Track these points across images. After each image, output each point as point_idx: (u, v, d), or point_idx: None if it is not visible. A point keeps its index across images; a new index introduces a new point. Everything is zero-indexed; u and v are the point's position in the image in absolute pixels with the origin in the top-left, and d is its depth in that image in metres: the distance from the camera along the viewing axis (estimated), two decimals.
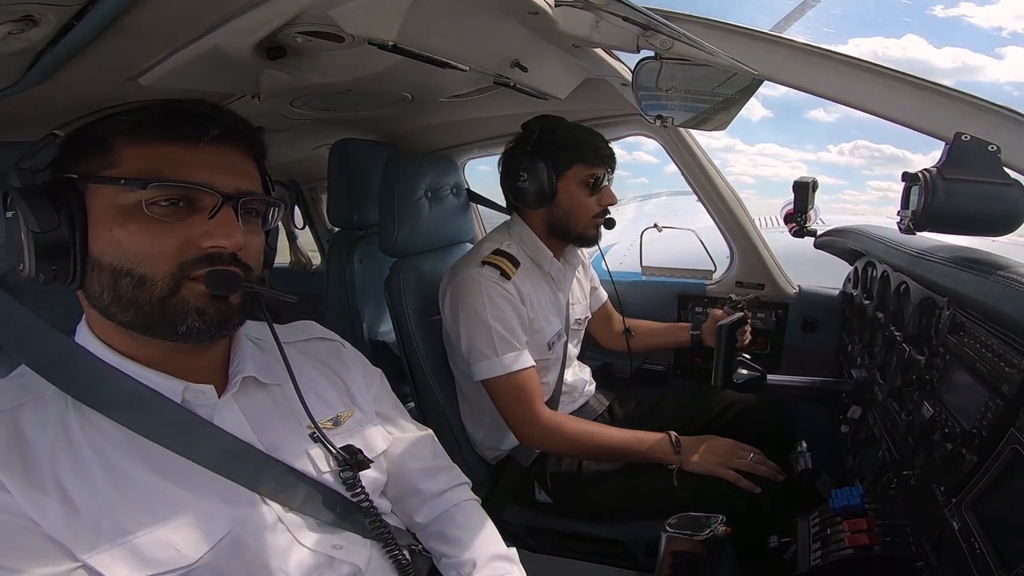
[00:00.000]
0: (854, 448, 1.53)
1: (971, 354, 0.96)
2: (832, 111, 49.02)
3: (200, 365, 0.85)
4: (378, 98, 1.65)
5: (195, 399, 0.83)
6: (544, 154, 1.65)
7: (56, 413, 0.76)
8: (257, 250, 0.86)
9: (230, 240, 0.77)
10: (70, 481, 0.71)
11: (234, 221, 0.79)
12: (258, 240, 0.86)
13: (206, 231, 0.77)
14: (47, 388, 0.77)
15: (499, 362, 1.56)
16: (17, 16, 0.71)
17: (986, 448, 0.84)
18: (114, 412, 0.76)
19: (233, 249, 0.78)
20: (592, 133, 1.72)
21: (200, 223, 0.77)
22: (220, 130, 0.79)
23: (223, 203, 0.78)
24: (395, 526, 1.01)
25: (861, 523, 1.04)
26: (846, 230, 1.84)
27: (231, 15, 0.92)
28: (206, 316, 0.78)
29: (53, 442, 0.73)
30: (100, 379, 0.77)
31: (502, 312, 1.58)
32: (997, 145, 0.90)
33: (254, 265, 0.84)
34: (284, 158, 2.70)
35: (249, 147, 0.86)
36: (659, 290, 2.41)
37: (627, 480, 1.61)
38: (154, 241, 0.75)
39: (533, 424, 1.57)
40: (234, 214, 0.79)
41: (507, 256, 1.66)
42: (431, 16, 1.04)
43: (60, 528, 0.68)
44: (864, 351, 1.63)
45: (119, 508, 0.71)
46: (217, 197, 0.77)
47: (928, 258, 1.17)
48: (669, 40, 1.04)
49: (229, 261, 0.78)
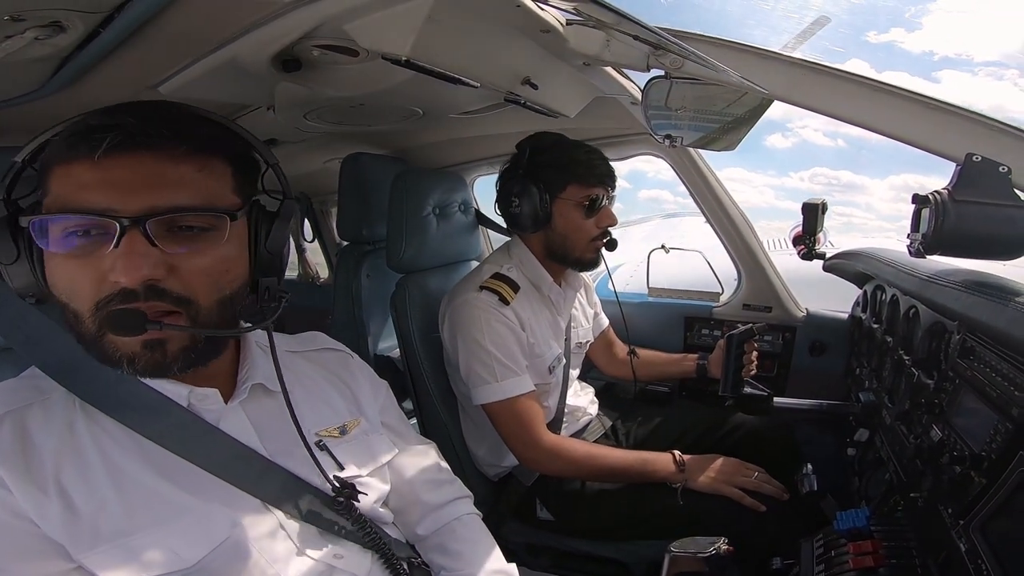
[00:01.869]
0: (861, 471, 1.51)
1: (981, 378, 0.95)
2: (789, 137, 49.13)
3: (207, 371, 0.84)
4: (390, 112, 1.68)
5: (200, 403, 0.82)
6: (536, 176, 1.61)
7: (63, 414, 0.76)
8: (204, 273, 0.73)
9: (127, 276, 0.67)
10: (72, 482, 0.71)
11: (140, 250, 0.67)
12: (204, 260, 0.73)
13: (112, 264, 0.68)
14: (56, 389, 0.77)
15: (499, 387, 1.54)
16: (45, 22, 0.73)
17: (995, 471, 0.83)
18: (121, 415, 0.76)
19: (133, 284, 0.67)
20: (588, 151, 1.67)
21: (111, 254, 0.68)
22: (120, 137, 0.67)
23: (126, 229, 0.67)
24: (395, 538, 1.00)
25: (866, 545, 1.02)
26: (855, 253, 1.83)
27: (250, 27, 0.95)
28: (136, 365, 0.72)
29: (58, 443, 0.73)
30: (108, 383, 0.77)
31: (501, 338, 1.56)
32: (1008, 166, 0.90)
33: (200, 293, 0.73)
34: (296, 171, 2.73)
35: (188, 145, 0.72)
36: (665, 312, 2.40)
37: (630, 499, 1.59)
38: (74, 277, 0.70)
39: (536, 448, 1.55)
40: (145, 239, 0.68)
41: (506, 280, 1.63)
42: (444, 32, 1.05)
43: (59, 529, 0.68)
44: (872, 374, 1.61)
45: (119, 509, 0.71)
46: (115, 224, 0.67)
47: (938, 282, 1.17)
48: (680, 59, 1.05)
49: (146, 296, 0.69)
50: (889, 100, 0.96)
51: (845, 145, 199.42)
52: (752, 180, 64.68)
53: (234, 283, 0.77)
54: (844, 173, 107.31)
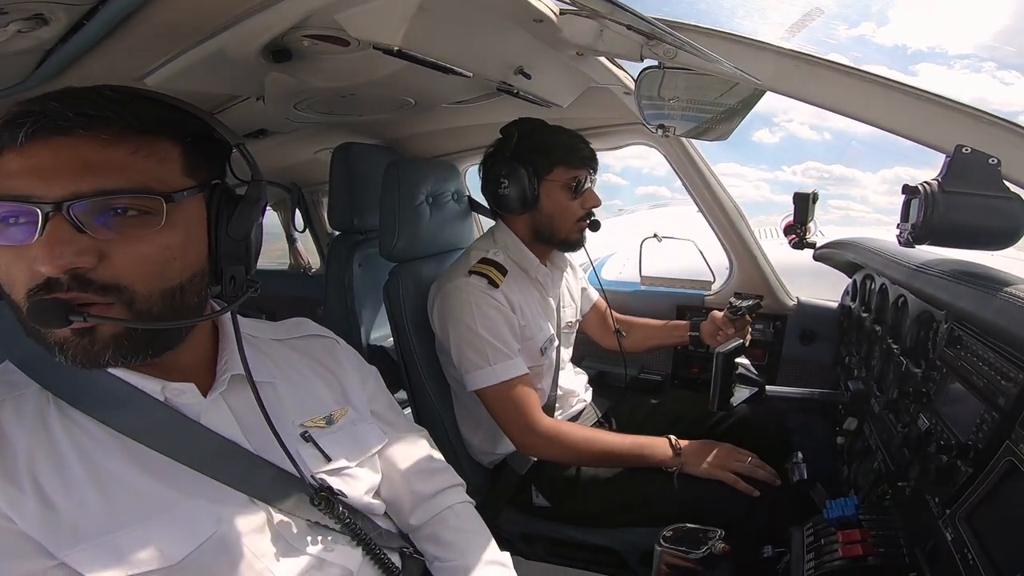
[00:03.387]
0: (849, 459, 1.53)
1: (968, 367, 0.96)
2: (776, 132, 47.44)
3: (182, 363, 0.82)
4: (381, 103, 1.66)
5: (176, 398, 0.79)
6: (524, 159, 1.63)
7: (36, 410, 0.74)
8: (140, 260, 0.69)
9: (48, 264, 0.64)
10: (48, 479, 0.69)
11: (62, 237, 0.64)
12: (141, 247, 0.69)
13: (35, 254, 0.65)
14: (30, 385, 0.75)
15: (492, 371, 1.55)
16: (28, 14, 0.72)
17: (981, 460, 0.84)
18: (96, 411, 0.75)
19: (55, 272, 0.64)
20: (571, 134, 1.69)
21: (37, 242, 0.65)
22: (42, 122, 0.64)
23: (48, 216, 0.64)
24: (387, 529, 0.99)
25: (855, 534, 1.03)
26: (845, 243, 1.84)
27: (239, 18, 0.93)
28: (67, 353, 0.68)
29: (31, 439, 0.71)
30: (82, 378, 0.75)
31: (491, 321, 1.56)
32: (998, 158, 0.90)
33: (134, 280, 0.69)
34: (286, 161, 2.71)
35: (120, 126, 0.68)
36: (658, 300, 2.41)
37: (625, 483, 1.60)
38: (9, 267, 0.67)
39: (532, 433, 1.56)
40: (70, 226, 0.65)
41: (494, 264, 1.64)
42: (436, 22, 1.05)
43: (37, 526, 0.66)
44: (861, 363, 1.63)
45: (99, 506, 0.70)
46: (36, 211, 0.64)
47: (927, 272, 1.18)
48: (673, 49, 1.04)
49: (70, 286, 0.65)
50: (880, 91, 0.96)
51: (831, 138, 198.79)
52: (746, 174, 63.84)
53: (183, 272, 0.74)
54: (836, 167, 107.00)
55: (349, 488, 0.92)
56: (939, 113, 0.93)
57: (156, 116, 0.72)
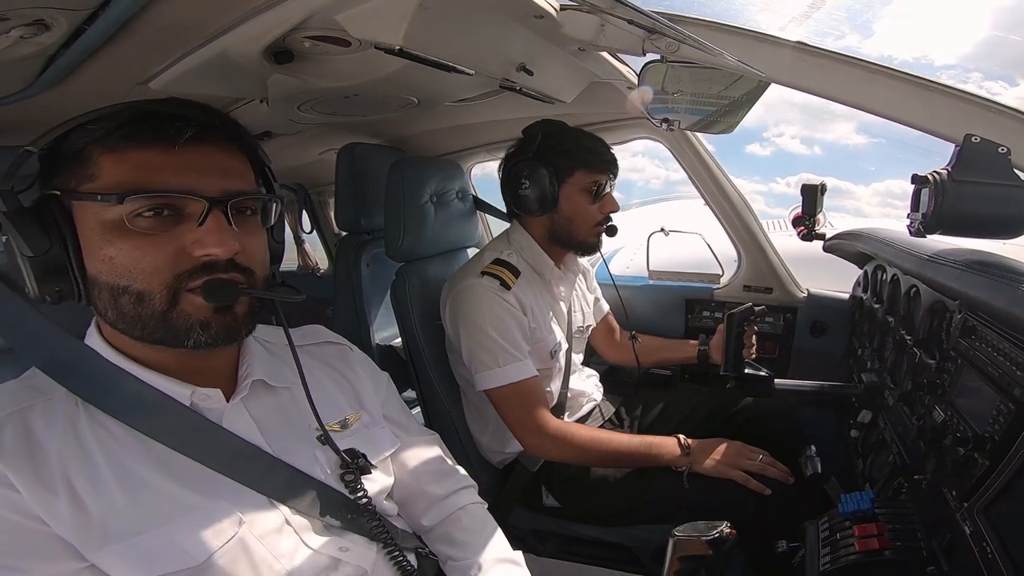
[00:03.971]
0: (864, 452, 1.52)
1: (983, 358, 0.95)
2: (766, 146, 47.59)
3: (209, 369, 0.85)
4: (384, 102, 1.66)
5: (202, 403, 0.83)
6: (546, 160, 1.62)
7: (66, 414, 0.76)
8: (259, 250, 0.83)
9: (222, 247, 0.74)
10: (79, 481, 0.72)
11: (225, 226, 0.75)
12: (258, 240, 0.83)
13: (196, 239, 0.73)
14: (57, 389, 0.77)
15: (501, 372, 1.55)
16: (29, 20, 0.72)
17: (998, 452, 0.83)
18: (123, 415, 0.77)
19: (226, 256, 0.75)
20: (594, 138, 1.69)
21: (190, 231, 0.74)
22: (196, 129, 0.74)
23: (210, 208, 0.74)
24: (402, 529, 1.01)
25: (871, 528, 1.02)
26: (855, 233, 1.83)
27: (240, 20, 0.93)
28: (211, 329, 0.76)
29: (62, 443, 0.73)
30: (110, 383, 0.78)
31: (502, 322, 1.56)
32: (1007, 147, 0.89)
33: (257, 267, 0.81)
34: (292, 162, 2.71)
35: (235, 142, 0.81)
36: (666, 294, 2.40)
37: (635, 484, 1.59)
38: (144, 255, 0.73)
39: (541, 434, 1.56)
40: (224, 218, 0.75)
41: (507, 265, 1.64)
42: (437, 20, 1.04)
43: (69, 528, 0.69)
44: (874, 355, 1.61)
45: (127, 509, 0.72)
46: (203, 202, 0.74)
47: (939, 261, 1.16)
48: (675, 43, 1.03)
49: (226, 268, 0.76)
50: (887, 82, 0.94)
51: (821, 152, 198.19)
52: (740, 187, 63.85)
53: (269, 264, 0.87)
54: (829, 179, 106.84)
55: (369, 477, 0.94)
56: (948, 103, 0.92)
57: (244, 134, 0.84)
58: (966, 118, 0.91)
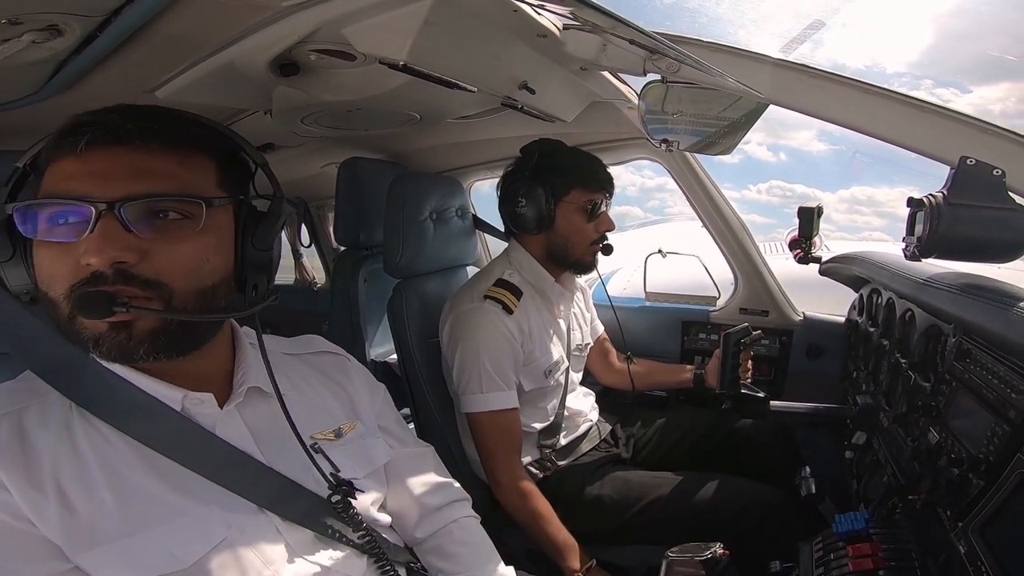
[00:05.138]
0: (859, 473, 1.51)
1: (977, 381, 0.95)
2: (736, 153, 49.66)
3: (201, 373, 0.84)
4: (387, 117, 1.68)
5: (194, 407, 0.82)
6: (543, 179, 1.64)
7: (60, 416, 0.76)
8: (179, 259, 0.74)
9: (98, 256, 0.68)
10: (70, 483, 0.71)
11: (112, 233, 0.69)
12: (182, 247, 0.74)
13: (85, 248, 0.69)
14: (52, 392, 0.77)
15: (484, 399, 1.57)
16: (42, 25, 0.73)
17: (993, 473, 0.83)
18: (116, 419, 0.77)
19: (102, 266, 0.69)
20: (590, 157, 1.71)
21: (87, 238, 0.70)
22: (101, 132, 0.70)
23: (101, 214, 0.69)
24: (394, 543, 1.00)
25: (865, 548, 1.02)
26: (851, 257, 1.84)
27: (248, 31, 0.95)
28: (102, 347, 0.72)
29: (56, 445, 0.73)
30: (102, 386, 0.78)
31: (497, 351, 1.58)
32: (1002, 169, 0.90)
33: (174, 279, 0.73)
34: (293, 175, 2.73)
35: (166, 143, 0.74)
36: (663, 316, 2.40)
37: (629, 507, 1.59)
38: (52, 265, 0.71)
39: (509, 474, 1.57)
40: (119, 224, 0.69)
41: (509, 287, 1.65)
42: (441, 37, 1.06)
43: (57, 529, 0.68)
44: (869, 378, 1.62)
45: (116, 512, 0.71)
46: (90, 209, 0.69)
47: (934, 285, 1.17)
48: (676, 63, 1.05)
49: (115, 279, 0.69)
50: (883, 103, 0.96)
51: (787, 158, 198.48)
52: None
53: (215, 274, 0.78)
54: (798, 186, 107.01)
55: (357, 499, 0.92)
56: (943, 125, 0.93)
57: (197, 133, 0.79)
58: (962, 140, 0.92)
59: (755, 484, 1.57)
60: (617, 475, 1.69)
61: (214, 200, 0.76)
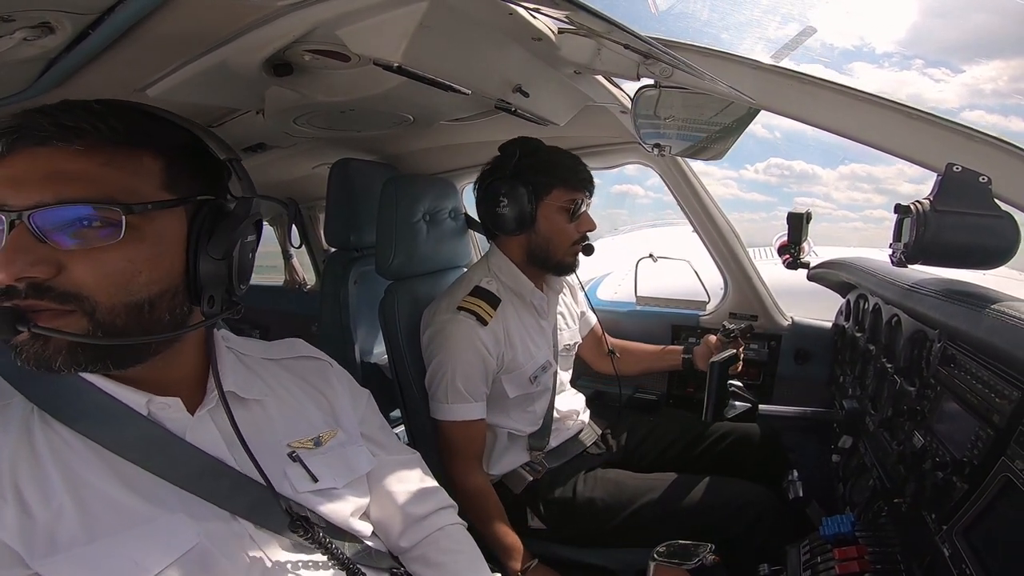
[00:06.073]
0: (845, 477, 1.53)
1: (962, 385, 0.96)
2: None
3: (171, 378, 0.81)
4: (380, 118, 1.68)
5: (161, 412, 0.79)
6: (524, 178, 1.62)
7: (21, 420, 0.73)
8: (100, 271, 0.68)
9: (4, 271, 0.64)
10: (28, 488, 0.69)
11: (16, 246, 0.65)
12: (103, 257, 0.68)
13: None
14: (14, 395, 0.75)
15: (448, 408, 1.58)
16: (34, 22, 0.73)
17: (977, 476, 0.84)
18: (79, 424, 0.74)
19: (10, 281, 0.65)
20: (571, 156, 1.69)
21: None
22: (16, 135, 0.65)
23: (13, 224, 0.65)
24: (377, 549, 0.98)
25: (851, 551, 1.03)
26: (839, 262, 1.86)
27: (242, 31, 0.95)
28: (22, 355, 0.68)
29: (15, 448, 0.71)
30: (67, 391, 0.75)
31: (466, 365, 1.57)
32: (988, 176, 0.91)
33: (94, 291, 0.68)
34: (284, 176, 2.71)
35: (92, 142, 0.68)
36: (653, 320, 2.41)
37: (622, 506, 1.59)
38: None
39: (462, 475, 1.59)
40: (30, 234, 0.65)
41: (485, 296, 1.63)
42: (436, 39, 1.06)
43: (15, 535, 0.65)
44: (856, 382, 1.63)
45: (76, 518, 0.69)
46: (1, 219, 0.65)
47: (919, 291, 1.19)
48: (669, 68, 1.06)
49: (27, 294, 0.65)
50: (872, 110, 0.97)
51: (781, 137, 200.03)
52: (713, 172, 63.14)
53: (151, 287, 0.72)
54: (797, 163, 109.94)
55: (335, 509, 0.91)
56: (930, 131, 0.94)
57: (135, 128, 0.71)
58: (948, 147, 0.93)
59: (745, 487, 1.58)
60: (609, 478, 1.69)
61: (137, 206, 0.69)
